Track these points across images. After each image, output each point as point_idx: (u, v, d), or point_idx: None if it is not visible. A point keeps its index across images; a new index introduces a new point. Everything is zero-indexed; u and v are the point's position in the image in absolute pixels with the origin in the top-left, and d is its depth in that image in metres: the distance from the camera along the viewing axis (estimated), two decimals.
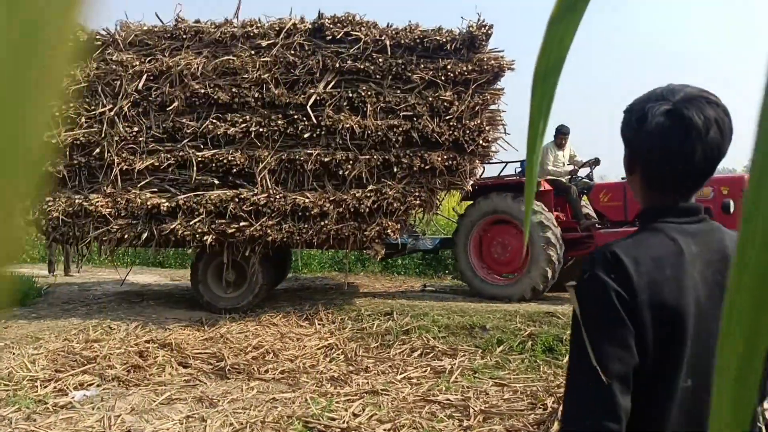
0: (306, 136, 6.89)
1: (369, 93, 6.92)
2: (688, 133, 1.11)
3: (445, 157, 6.82)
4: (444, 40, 6.93)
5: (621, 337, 1.09)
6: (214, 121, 7.05)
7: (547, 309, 6.51)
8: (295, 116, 6.95)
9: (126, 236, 6.99)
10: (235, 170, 6.98)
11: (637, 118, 1.17)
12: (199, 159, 6.98)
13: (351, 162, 6.87)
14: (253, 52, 7.12)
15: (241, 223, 6.76)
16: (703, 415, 1.13)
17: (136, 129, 7.14)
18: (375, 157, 6.85)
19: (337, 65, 6.94)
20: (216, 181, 6.98)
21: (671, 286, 1.10)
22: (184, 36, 7.28)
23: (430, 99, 6.86)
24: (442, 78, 6.89)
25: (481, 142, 6.85)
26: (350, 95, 6.95)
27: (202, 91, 7.04)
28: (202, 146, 7.08)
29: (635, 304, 1.09)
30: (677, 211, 1.19)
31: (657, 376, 1.12)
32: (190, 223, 6.77)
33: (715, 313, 1.14)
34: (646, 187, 1.22)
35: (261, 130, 6.96)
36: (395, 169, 6.86)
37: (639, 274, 1.10)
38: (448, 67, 6.86)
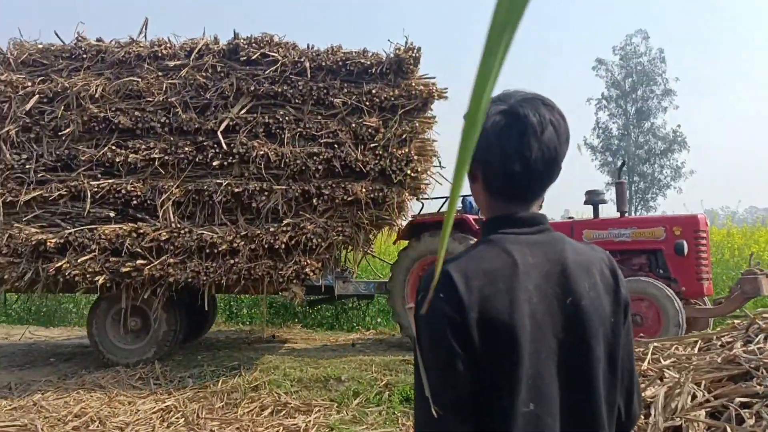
0: (216, 164, 6.22)
1: (287, 118, 6.34)
2: (524, 130, 1.10)
3: (371, 188, 6.22)
4: (369, 63, 6.44)
5: (451, 364, 1.03)
6: (114, 147, 6.33)
7: (403, 357, 6.25)
8: (205, 143, 6.30)
9: (7, 277, 6.12)
10: (135, 202, 6.24)
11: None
12: (95, 189, 6.22)
13: (266, 193, 6.21)
14: (160, 74, 6.50)
15: (138, 261, 5.98)
16: None
17: (24, 156, 6.37)
18: (293, 188, 6.21)
19: (253, 88, 6.36)
20: (112, 214, 6.21)
21: (503, 301, 1.05)
22: (84, 56, 6.61)
23: (354, 125, 6.31)
24: (367, 103, 6.36)
25: (409, 172, 6.28)
26: (267, 120, 6.34)
27: (102, 114, 6.35)
28: (99, 176, 6.34)
29: (465, 323, 1.03)
30: (517, 221, 1.14)
31: (494, 399, 1.04)
32: (79, 261, 5.96)
33: (554, 328, 1.08)
34: (487, 194, 1.18)
35: (166, 157, 6.27)
36: (315, 201, 6.22)
37: (470, 290, 1.05)
38: (374, 91, 6.34)
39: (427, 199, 7.72)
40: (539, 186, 1.14)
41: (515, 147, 1.09)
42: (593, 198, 7.41)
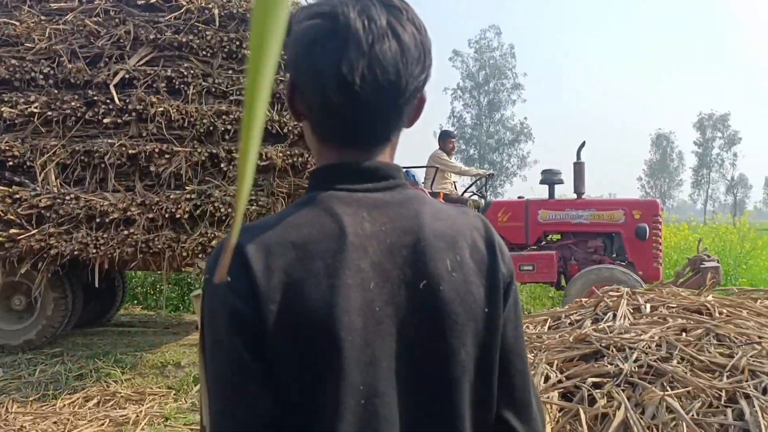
0: (107, 121, 5.44)
1: (193, 72, 5.61)
2: (344, 42, 0.76)
3: (288, 153, 5.60)
4: (289, 12, 5.78)
5: (238, 379, 0.71)
6: None
7: None
8: (96, 98, 5.50)
9: None
10: (11, 163, 5.39)
11: (287, 27, 0.79)
12: None
13: (167, 156, 5.48)
14: (43, 18, 5.64)
15: (12, 230, 5.16)
16: None
17: None
18: (199, 150, 5.50)
19: (153, 37, 5.59)
20: None
21: (319, 287, 0.73)
22: None
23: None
24: (285, 57, 5.70)
25: None
26: (169, 74, 5.59)
27: None
28: None
29: (261, 321, 0.71)
30: (353, 173, 0.81)
31: (311, 427, 0.73)
32: None
33: (401, 325, 0.76)
34: (314, 135, 0.85)
35: (49, 113, 5.44)
36: (224, 167, 5.54)
37: (269, 271, 0.73)
38: None
39: None
40: (375, 124, 0.80)
41: (330, 66, 0.76)
42: (549, 177, 7.10)
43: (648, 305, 2.66)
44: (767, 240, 12.31)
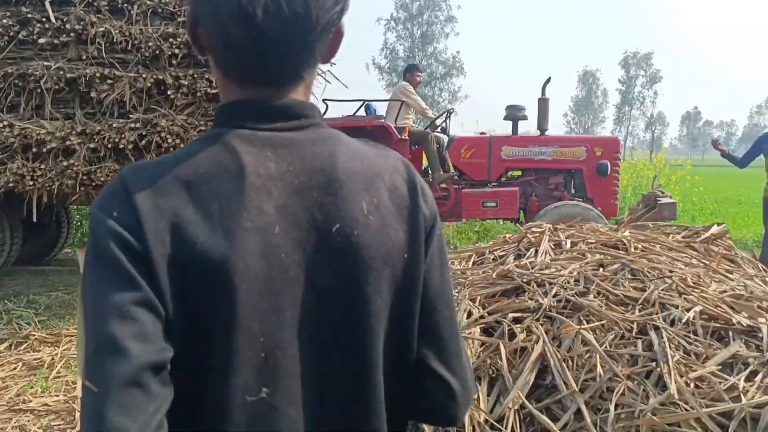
0: (42, 41, 5.08)
1: None
2: None
3: None
4: None
5: (129, 317, 0.63)
6: None
7: None
8: (30, 15, 5.11)
9: None
10: None
11: None
12: None
13: (109, 81, 5.16)
14: None
15: None
16: None
17: None
18: (144, 76, 5.18)
19: None
20: None
21: (214, 231, 0.67)
22: None
23: None
24: None
25: None
26: None
27: None
28: None
29: (150, 262, 0.64)
30: (261, 111, 0.74)
31: (200, 381, 0.66)
32: None
33: (310, 273, 0.71)
34: (219, 70, 0.77)
35: None
36: (172, 94, 5.24)
37: (158, 211, 0.66)
38: None
39: (334, 101, 6.98)
40: (283, 61, 0.72)
41: None
42: (514, 113, 6.92)
43: (568, 241, 2.65)
44: (680, 175, 12.66)
